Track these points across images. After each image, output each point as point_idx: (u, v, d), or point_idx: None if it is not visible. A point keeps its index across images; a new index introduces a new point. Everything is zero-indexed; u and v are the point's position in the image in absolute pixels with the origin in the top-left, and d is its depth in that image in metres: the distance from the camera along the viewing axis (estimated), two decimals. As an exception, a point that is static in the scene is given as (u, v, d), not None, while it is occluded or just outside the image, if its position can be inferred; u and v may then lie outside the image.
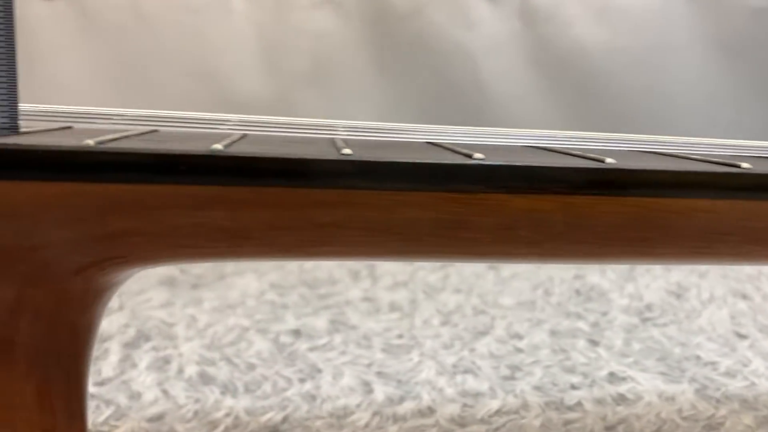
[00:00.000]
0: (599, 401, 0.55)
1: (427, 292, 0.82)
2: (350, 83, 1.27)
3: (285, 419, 0.52)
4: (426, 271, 0.90)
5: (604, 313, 0.75)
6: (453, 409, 0.53)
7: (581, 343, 0.67)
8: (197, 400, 0.55)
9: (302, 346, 0.66)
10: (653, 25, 1.31)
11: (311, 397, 0.55)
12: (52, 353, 0.31)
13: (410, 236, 0.30)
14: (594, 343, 0.67)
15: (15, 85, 0.27)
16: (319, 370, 0.60)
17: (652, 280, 0.86)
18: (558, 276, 0.87)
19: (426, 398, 0.55)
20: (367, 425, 0.51)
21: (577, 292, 0.82)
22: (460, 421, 0.51)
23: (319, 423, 0.51)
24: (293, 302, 0.78)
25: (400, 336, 0.68)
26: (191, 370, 0.60)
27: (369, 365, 0.61)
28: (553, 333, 0.69)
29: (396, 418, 0.52)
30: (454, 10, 1.32)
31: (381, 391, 0.56)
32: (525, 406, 0.54)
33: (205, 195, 0.28)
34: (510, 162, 0.29)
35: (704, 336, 0.69)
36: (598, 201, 0.29)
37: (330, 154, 0.29)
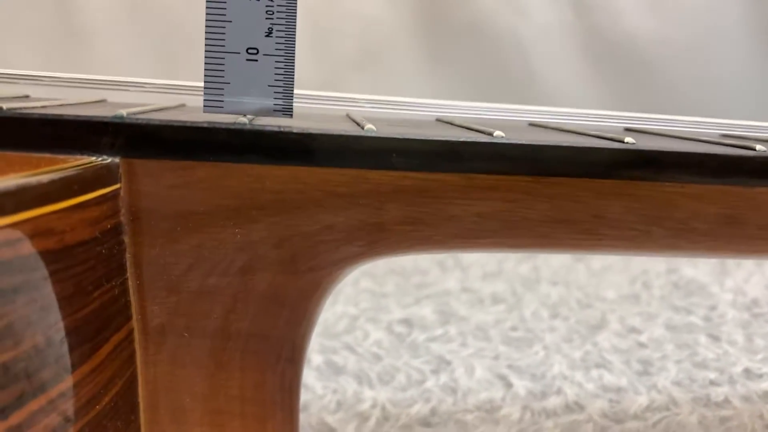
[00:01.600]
0: (746, 398, 0.54)
1: (524, 284, 0.81)
2: (399, 69, 1.25)
3: (433, 412, 0.51)
4: (513, 262, 0.89)
5: (712, 308, 0.74)
6: (601, 404, 0.52)
7: (703, 339, 0.65)
8: (335, 391, 0.54)
9: (419, 336, 0.65)
10: (703, 14, 1.29)
11: (451, 390, 0.54)
12: (276, 344, 0.30)
13: (685, 231, 0.29)
14: (715, 338, 0.66)
15: (292, 69, 0.26)
16: (448, 362, 0.59)
17: (749, 274, 0.85)
18: (653, 269, 0.86)
19: (569, 393, 0.54)
20: (520, 420, 0.50)
21: (676, 285, 0.81)
22: (614, 417, 0.50)
23: (470, 417, 0.50)
24: (391, 291, 0.77)
25: (514, 328, 0.67)
26: (317, 359, 0.59)
27: (496, 358, 0.60)
28: (669, 327, 0.68)
29: (548, 414, 0.51)
30: (506, -3, 1.30)
31: (521, 386, 0.55)
32: (674, 402, 0.53)
33: (485, 184, 0.27)
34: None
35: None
36: None
37: (612, 144, 0.27)
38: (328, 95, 0.33)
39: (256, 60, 0.26)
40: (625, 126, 0.38)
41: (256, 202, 0.26)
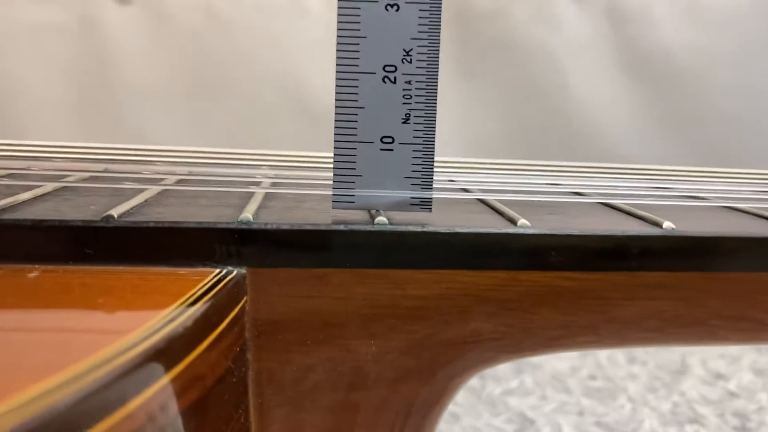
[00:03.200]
0: None
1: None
2: None
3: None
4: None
5: (797, 348, 0.70)
6: (707, 469, 0.49)
7: (796, 385, 0.62)
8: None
9: (495, 389, 0.61)
10: (741, 25, 1.25)
11: (541, 454, 0.51)
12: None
13: None
14: (809, 384, 0.62)
15: (432, 158, 0.23)
16: (531, 421, 0.56)
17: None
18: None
19: (669, 456, 0.50)
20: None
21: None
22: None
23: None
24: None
25: (593, 377, 0.64)
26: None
27: (581, 414, 0.57)
28: (757, 372, 0.64)
29: (652, 482, 0.47)
30: (538, 9, 1.27)
31: (615, 447, 0.51)
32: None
33: (653, 282, 0.24)
34: None
35: None
36: None
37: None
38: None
39: (392, 150, 0.23)
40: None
41: (395, 310, 0.23)
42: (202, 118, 1.07)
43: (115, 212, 0.22)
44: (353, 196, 0.24)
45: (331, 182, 0.24)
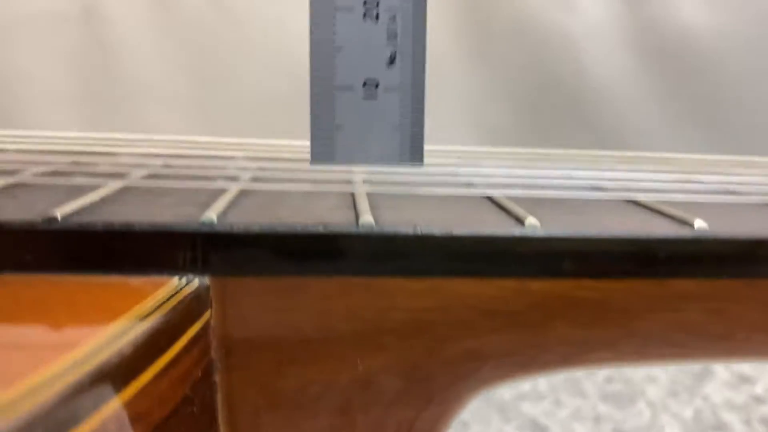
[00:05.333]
0: None
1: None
2: (441, 71, 1.18)
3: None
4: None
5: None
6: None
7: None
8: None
9: (505, 394, 0.58)
10: (765, 4, 1.20)
11: (555, 465, 0.48)
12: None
13: None
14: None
15: (422, 106, 0.21)
16: (544, 428, 0.53)
17: None
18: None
19: (692, 467, 0.47)
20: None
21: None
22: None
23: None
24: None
25: (609, 380, 0.60)
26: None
27: (597, 420, 0.53)
28: (784, 375, 0.61)
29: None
30: (553, -9, 1.22)
31: (634, 457, 0.48)
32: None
33: (683, 291, 0.20)
34: None
35: None
36: None
37: None
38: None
39: (375, 97, 0.20)
40: None
41: (384, 324, 0.20)
42: (208, 108, 1.04)
43: (59, 212, 0.19)
44: (333, 150, 0.21)
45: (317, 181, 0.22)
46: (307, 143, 0.33)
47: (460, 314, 0.20)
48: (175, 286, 0.18)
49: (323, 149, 0.21)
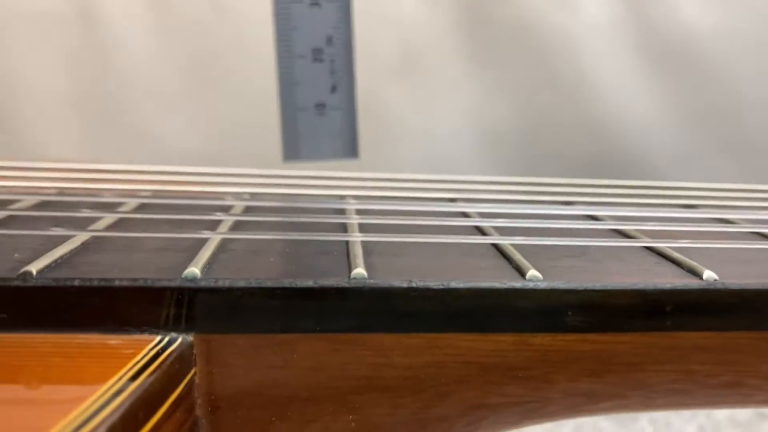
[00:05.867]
0: None
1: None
2: (441, 74, 1.17)
3: None
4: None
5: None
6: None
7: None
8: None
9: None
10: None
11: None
12: None
13: None
14: None
15: (355, 118, 0.29)
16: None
17: None
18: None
19: (696, 490, 0.46)
20: None
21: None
22: None
23: None
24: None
25: (611, 395, 0.59)
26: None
27: (599, 438, 0.53)
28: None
29: None
30: (554, -9, 1.21)
31: (636, 480, 0.47)
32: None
33: (692, 344, 0.20)
34: None
35: None
36: None
37: None
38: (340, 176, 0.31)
39: (325, 114, 0.29)
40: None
41: (379, 382, 0.19)
42: (206, 111, 1.03)
43: (34, 268, 0.18)
44: (299, 151, 0.29)
45: (308, 218, 0.25)
46: (297, 172, 0.32)
47: (457, 370, 0.19)
48: (157, 347, 0.17)
49: (291, 152, 0.29)
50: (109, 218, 0.24)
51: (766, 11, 1.11)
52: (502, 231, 0.24)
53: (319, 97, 0.29)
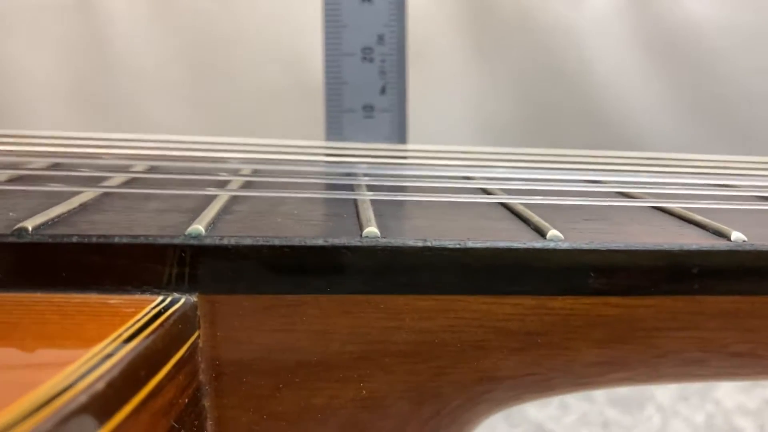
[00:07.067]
0: None
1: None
2: (444, 67, 1.16)
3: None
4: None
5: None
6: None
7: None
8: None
9: (511, 396, 0.56)
10: None
11: (563, 474, 0.46)
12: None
13: None
14: None
15: (405, 122, 0.28)
16: (551, 433, 0.51)
17: None
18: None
19: (706, 477, 0.45)
20: None
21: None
22: None
23: None
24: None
25: (617, 382, 0.59)
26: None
27: (605, 426, 0.52)
28: (797, 378, 0.59)
29: None
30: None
31: (645, 466, 0.46)
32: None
33: (719, 309, 0.19)
34: None
35: None
36: None
37: None
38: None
39: (372, 117, 0.28)
40: None
41: (390, 346, 0.18)
42: (206, 101, 1.02)
43: (30, 224, 0.17)
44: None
45: (317, 179, 0.24)
46: (304, 142, 0.31)
47: (473, 334, 0.18)
48: (158, 306, 0.16)
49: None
50: (112, 179, 0.23)
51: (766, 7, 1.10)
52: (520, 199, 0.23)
53: (367, 98, 0.28)
